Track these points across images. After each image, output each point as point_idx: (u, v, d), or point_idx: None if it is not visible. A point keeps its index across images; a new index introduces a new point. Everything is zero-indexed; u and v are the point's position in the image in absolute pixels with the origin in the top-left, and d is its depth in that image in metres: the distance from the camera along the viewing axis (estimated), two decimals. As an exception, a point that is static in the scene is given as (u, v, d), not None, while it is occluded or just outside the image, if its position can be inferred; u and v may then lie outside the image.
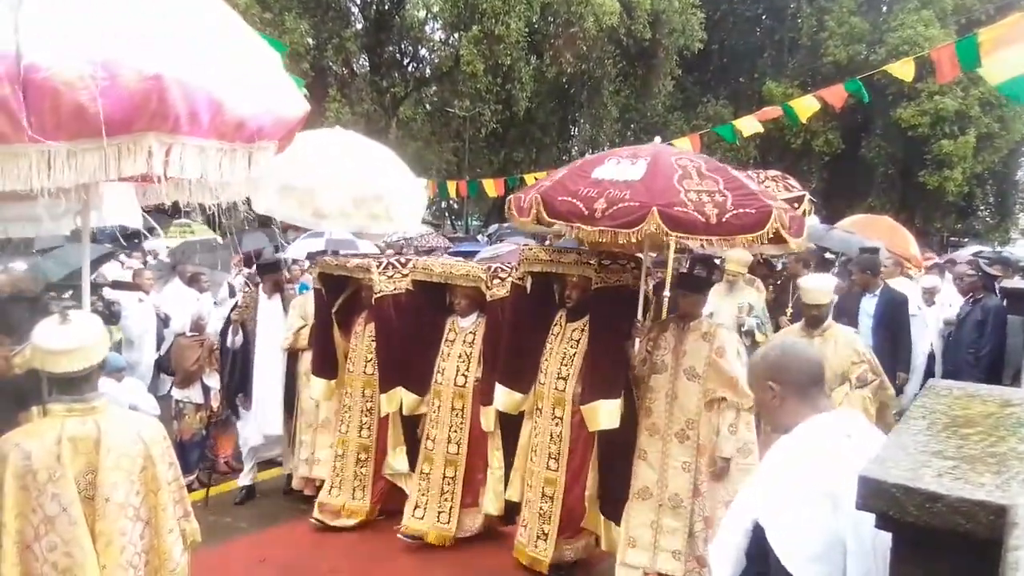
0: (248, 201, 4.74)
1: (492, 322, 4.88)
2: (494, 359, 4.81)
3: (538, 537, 4.49)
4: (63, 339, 2.35)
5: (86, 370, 2.38)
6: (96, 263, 5.21)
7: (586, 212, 3.71)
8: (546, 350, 4.64)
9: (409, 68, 23.90)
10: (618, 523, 4.39)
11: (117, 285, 7.39)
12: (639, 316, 4.27)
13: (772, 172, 6.15)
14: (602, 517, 4.49)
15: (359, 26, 21.40)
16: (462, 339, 5.06)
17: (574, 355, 4.51)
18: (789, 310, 6.76)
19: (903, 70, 7.27)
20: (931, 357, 7.41)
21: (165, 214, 13.73)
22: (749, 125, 8.66)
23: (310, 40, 19.02)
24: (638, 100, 24.72)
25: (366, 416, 5.32)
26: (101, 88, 2.26)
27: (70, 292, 5.29)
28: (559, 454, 4.48)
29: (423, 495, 4.98)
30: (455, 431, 4.95)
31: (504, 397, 4.67)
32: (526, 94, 20.97)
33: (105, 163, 2.40)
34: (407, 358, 5.13)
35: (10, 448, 2.28)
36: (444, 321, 5.17)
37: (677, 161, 3.84)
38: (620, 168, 3.85)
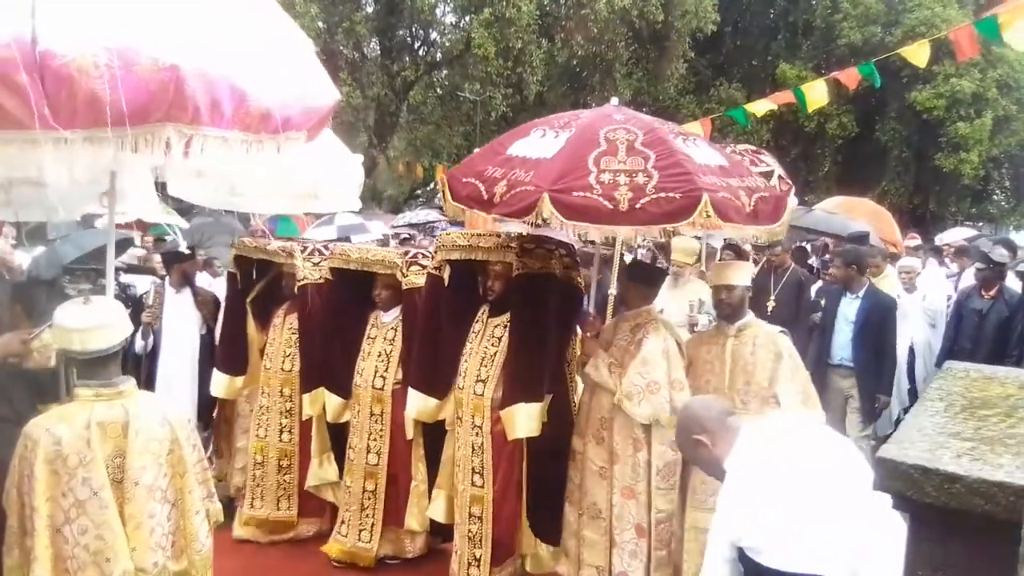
0: (164, 187, 4.47)
1: (408, 314, 4.42)
2: (409, 358, 4.36)
3: (470, 564, 4.00)
4: (85, 318, 2.38)
5: (107, 350, 2.40)
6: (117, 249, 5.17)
7: (486, 196, 3.34)
8: (466, 350, 4.13)
9: (420, 52, 23.74)
10: (548, 541, 4.03)
11: (132, 269, 7.47)
12: (590, 309, 3.86)
13: (742, 147, 5.86)
14: (535, 537, 4.05)
15: (369, 9, 21.26)
16: (383, 335, 4.57)
17: (495, 355, 4.00)
18: (772, 298, 6.29)
19: (917, 55, 7.12)
20: (911, 352, 6.74)
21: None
22: (762, 107, 8.61)
23: (320, 24, 18.94)
24: (650, 83, 24.49)
25: (286, 418, 4.84)
26: (116, 77, 2.21)
27: (94, 277, 5.30)
28: (483, 468, 3.96)
29: (347, 510, 4.57)
30: (374, 439, 4.47)
31: (418, 403, 4.21)
32: (537, 78, 20.80)
33: (122, 153, 2.35)
34: (331, 355, 4.68)
35: (40, 433, 2.31)
36: (369, 315, 4.72)
37: (607, 133, 3.31)
38: (541, 143, 3.42)
